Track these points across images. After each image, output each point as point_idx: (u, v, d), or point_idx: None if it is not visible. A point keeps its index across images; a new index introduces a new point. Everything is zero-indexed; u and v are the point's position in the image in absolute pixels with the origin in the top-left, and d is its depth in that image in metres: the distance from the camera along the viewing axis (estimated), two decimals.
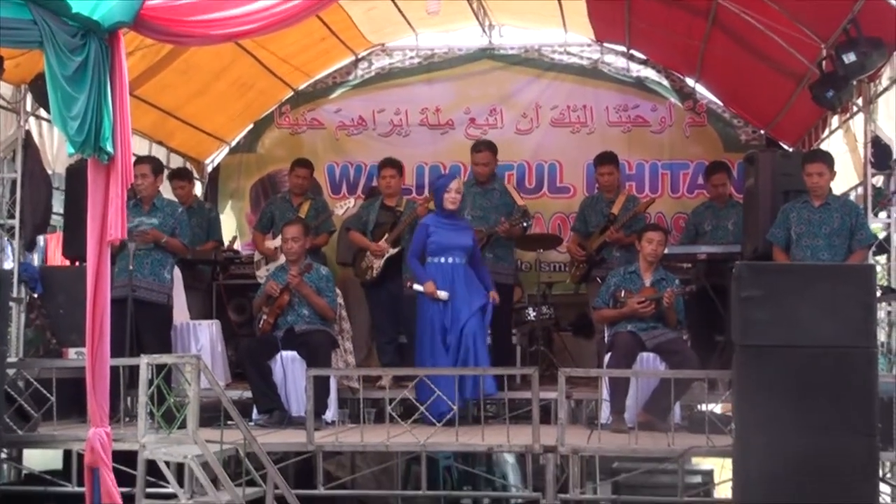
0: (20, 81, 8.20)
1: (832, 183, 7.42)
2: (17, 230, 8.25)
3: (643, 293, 7.57)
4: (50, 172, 8.62)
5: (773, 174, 7.81)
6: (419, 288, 7.59)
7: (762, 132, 10.59)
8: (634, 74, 10.92)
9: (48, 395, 6.82)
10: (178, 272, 8.34)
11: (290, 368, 7.60)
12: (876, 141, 7.67)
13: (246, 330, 9.40)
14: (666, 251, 7.87)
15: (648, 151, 10.79)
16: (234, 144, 11.49)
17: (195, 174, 10.78)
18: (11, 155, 8.32)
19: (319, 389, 7.06)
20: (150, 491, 5.99)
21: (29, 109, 8.38)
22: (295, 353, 7.64)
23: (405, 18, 10.49)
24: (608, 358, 7.49)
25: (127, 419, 7.03)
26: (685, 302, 7.74)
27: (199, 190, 10.89)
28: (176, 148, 10.79)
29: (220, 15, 6.06)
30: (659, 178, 10.78)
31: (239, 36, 7.06)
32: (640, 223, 8.53)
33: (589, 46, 11.01)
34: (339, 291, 8.13)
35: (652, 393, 7.14)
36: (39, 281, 8.27)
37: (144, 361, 6.01)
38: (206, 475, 5.76)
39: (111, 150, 5.72)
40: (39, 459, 7.53)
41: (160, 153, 10.16)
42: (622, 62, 10.94)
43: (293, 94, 11.28)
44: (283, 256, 8.29)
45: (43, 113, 8.36)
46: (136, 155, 7.61)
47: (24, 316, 8.30)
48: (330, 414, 7.56)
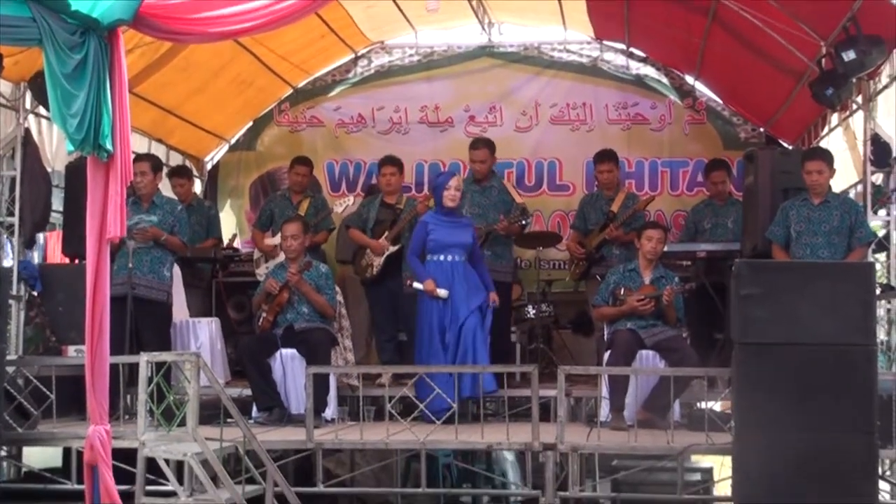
0: (19, 79, 8.19)
1: (832, 181, 7.42)
2: (16, 228, 8.24)
3: (643, 291, 7.57)
4: (49, 170, 8.61)
5: (772, 172, 7.82)
6: (419, 286, 7.59)
7: (762, 130, 10.58)
8: (634, 72, 10.91)
9: (48, 392, 6.81)
10: (177, 270, 8.33)
11: (289, 366, 7.60)
12: (875, 139, 7.68)
13: (245, 328, 9.40)
14: (665, 249, 7.87)
15: (648, 149, 10.78)
16: (233, 142, 11.48)
17: (194, 172, 10.79)
18: (11, 153, 8.31)
19: (319, 387, 7.06)
20: (149, 489, 6.00)
21: (28, 107, 8.37)
22: (294, 350, 7.64)
23: (405, 16, 10.48)
24: (608, 356, 7.49)
25: (126, 417, 7.03)
26: (685, 300, 7.74)
27: (198, 188, 10.89)
28: (175, 146, 10.78)
29: (219, 12, 6.07)
30: (658, 175, 10.77)
31: (238, 34, 7.06)
32: (639, 221, 8.54)
33: (588, 44, 11.00)
34: (338, 289, 8.13)
35: (651, 391, 7.13)
36: (39, 279, 8.26)
37: (144, 359, 6.01)
38: (205, 473, 5.76)
39: (110, 147, 5.72)
40: (39, 457, 7.53)
41: (159, 151, 10.15)
42: (622, 60, 10.93)
43: (293, 91, 11.27)
44: (282, 254, 8.29)
45: (42, 111, 8.36)
46: (135, 153, 7.60)
47: (23, 314, 8.30)
48: (329, 412, 7.55)
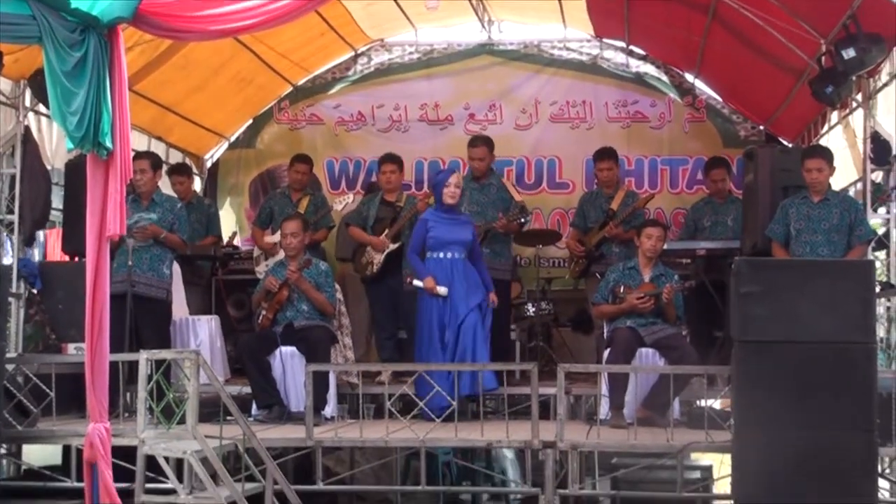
0: (19, 77, 8.19)
1: (831, 178, 7.42)
2: (16, 226, 8.25)
3: (642, 289, 7.56)
4: (49, 168, 8.61)
5: (772, 170, 7.82)
6: (419, 283, 7.59)
7: (761, 128, 10.57)
8: (634, 70, 10.90)
9: (47, 390, 6.80)
10: (177, 268, 8.33)
11: (289, 364, 7.60)
12: (875, 136, 7.68)
13: (245, 325, 9.40)
14: (665, 247, 7.87)
15: (648, 147, 10.78)
16: (233, 140, 11.48)
17: (194, 169, 10.79)
18: (10, 150, 8.32)
19: (318, 385, 7.06)
20: (149, 486, 5.99)
21: (28, 105, 8.37)
22: (294, 348, 7.64)
23: (404, 14, 10.47)
24: (607, 353, 7.49)
25: (126, 414, 7.02)
26: (684, 298, 7.73)
27: (198, 185, 10.89)
28: (175, 143, 10.79)
29: (218, 10, 6.07)
30: (658, 173, 10.77)
31: (238, 31, 7.06)
32: (639, 219, 8.55)
33: (588, 42, 11.00)
34: (338, 287, 8.13)
35: (651, 388, 7.13)
36: (38, 276, 8.26)
37: (144, 357, 6.01)
38: (205, 470, 5.76)
39: (110, 145, 5.73)
40: (39, 455, 7.53)
41: (159, 148, 10.15)
42: (621, 58, 10.93)
43: (292, 89, 11.27)
44: (282, 252, 8.29)
45: (42, 108, 8.36)
46: (135, 150, 7.58)
47: (23, 311, 8.30)
48: (329, 409, 7.56)
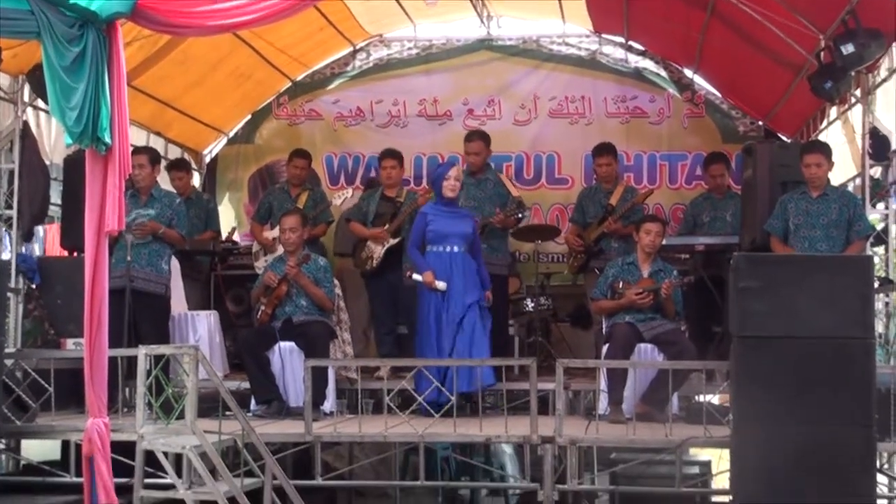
0: (18, 72, 8.18)
1: (830, 174, 7.43)
2: (14, 221, 8.24)
3: (641, 284, 7.56)
4: (48, 163, 8.61)
5: (771, 165, 7.82)
6: (418, 277, 7.60)
7: (760, 123, 10.58)
8: (633, 65, 10.90)
9: (46, 385, 6.81)
10: (175, 263, 8.33)
11: (288, 359, 7.60)
12: (874, 132, 7.69)
13: (244, 321, 9.39)
14: (664, 242, 7.87)
15: (647, 142, 10.78)
16: (232, 135, 11.47)
17: (193, 165, 10.79)
18: (9, 146, 8.31)
19: (317, 380, 7.06)
20: (148, 481, 5.98)
21: (27, 100, 8.37)
22: (293, 343, 7.64)
23: (403, 9, 10.46)
24: (606, 349, 7.49)
25: (125, 410, 7.01)
26: (683, 293, 7.74)
27: (197, 181, 10.89)
28: (174, 139, 10.78)
29: (217, 6, 6.06)
30: (657, 169, 10.77)
31: (236, 27, 7.05)
32: (638, 214, 8.55)
33: (587, 37, 10.99)
34: (336, 282, 8.13)
35: (650, 384, 7.13)
36: (37, 271, 8.25)
37: (143, 352, 6.00)
38: (204, 466, 5.75)
39: (109, 140, 5.72)
40: (38, 450, 7.52)
41: (158, 144, 10.15)
42: (620, 53, 10.93)
43: (291, 84, 11.26)
44: (281, 247, 8.28)
45: (41, 103, 8.36)
46: (133, 145, 7.59)
47: (22, 307, 8.30)
48: (328, 405, 7.57)
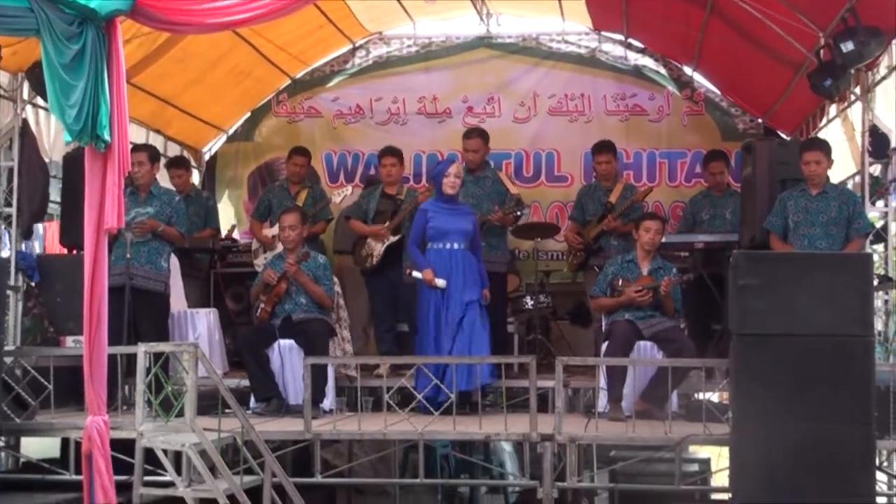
0: (17, 69, 8.17)
1: (830, 171, 7.42)
2: (14, 218, 8.24)
3: (640, 282, 7.56)
4: (47, 161, 8.59)
5: (770, 163, 7.82)
6: (418, 275, 7.59)
7: (760, 121, 10.57)
8: (632, 63, 10.89)
9: (46, 383, 6.80)
10: (175, 260, 8.33)
11: (287, 357, 7.60)
12: (874, 130, 7.68)
13: (243, 318, 9.39)
14: (663, 240, 7.86)
15: (646, 140, 10.77)
16: (231, 133, 11.46)
17: (192, 162, 10.78)
18: (8, 143, 8.30)
19: (317, 378, 7.07)
20: (147, 479, 5.99)
21: (26, 97, 8.35)
22: (292, 341, 7.64)
23: (402, 7, 10.46)
24: (605, 346, 7.49)
25: (125, 407, 7.01)
26: (682, 291, 7.74)
27: (196, 178, 10.88)
28: (173, 136, 10.77)
29: (217, 3, 6.06)
30: (656, 166, 10.76)
31: (236, 24, 7.04)
32: (637, 212, 8.54)
33: (587, 35, 10.98)
34: (336, 280, 8.13)
35: (649, 381, 7.13)
36: (37, 269, 8.25)
37: (142, 349, 6.01)
38: (203, 463, 5.76)
39: (108, 138, 5.72)
40: (37, 447, 7.53)
41: (157, 141, 10.14)
42: (620, 51, 10.92)
43: (290, 82, 11.25)
44: (280, 245, 8.28)
45: (40, 101, 8.35)
46: (133, 143, 7.59)
47: (21, 304, 8.30)
48: (328, 402, 7.57)
